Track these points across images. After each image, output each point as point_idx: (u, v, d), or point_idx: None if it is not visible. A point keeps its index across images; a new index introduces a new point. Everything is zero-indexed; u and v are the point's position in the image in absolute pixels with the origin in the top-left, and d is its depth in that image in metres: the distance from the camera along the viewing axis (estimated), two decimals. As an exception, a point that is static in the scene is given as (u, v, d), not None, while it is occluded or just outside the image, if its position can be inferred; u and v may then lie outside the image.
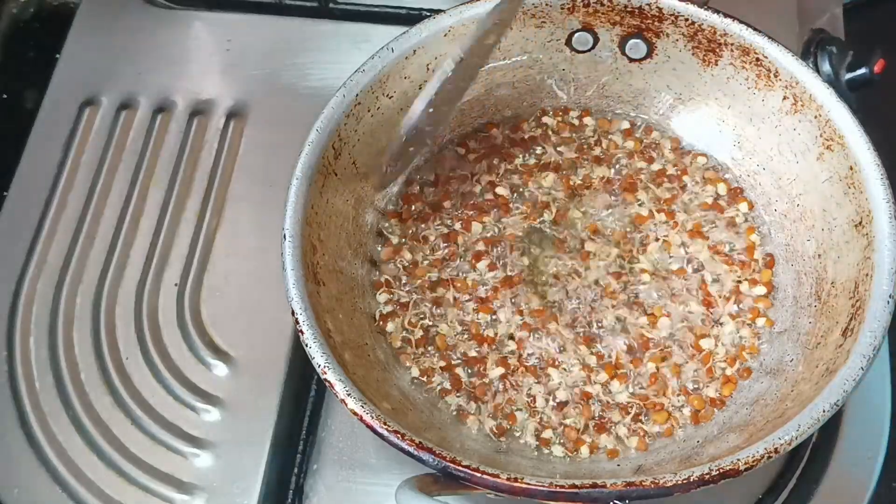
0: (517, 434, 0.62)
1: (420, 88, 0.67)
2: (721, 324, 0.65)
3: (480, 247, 0.69)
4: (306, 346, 0.54)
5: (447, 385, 0.64)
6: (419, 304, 0.67)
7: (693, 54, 0.67)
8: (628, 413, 0.63)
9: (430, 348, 0.65)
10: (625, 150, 0.72)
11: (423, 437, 0.51)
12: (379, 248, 0.69)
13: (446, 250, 0.69)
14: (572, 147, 0.72)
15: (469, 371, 0.64)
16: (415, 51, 0.65)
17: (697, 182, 0.71)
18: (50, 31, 0.86)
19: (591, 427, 0.62)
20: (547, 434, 0.62)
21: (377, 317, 0.66)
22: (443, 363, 0.65)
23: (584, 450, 0.62)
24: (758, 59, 0.64)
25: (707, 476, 0.48)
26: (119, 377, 0.69)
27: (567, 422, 0.63)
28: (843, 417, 0.67)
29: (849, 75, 0.74)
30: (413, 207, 0.70)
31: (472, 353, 0.65)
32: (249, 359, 0.69)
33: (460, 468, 0.49)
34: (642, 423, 0.62)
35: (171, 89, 0.81)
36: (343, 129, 0.63)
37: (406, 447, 0.50)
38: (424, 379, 0.64)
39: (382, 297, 0.67)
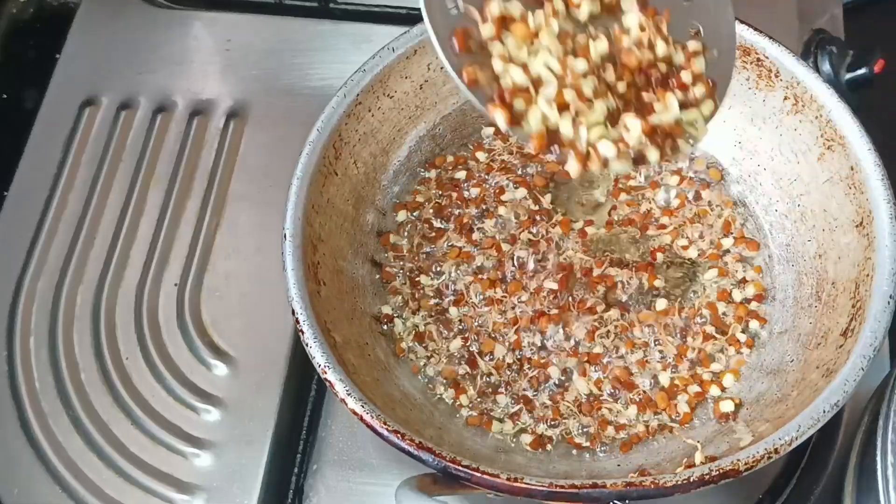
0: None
1: (420, 89, 0.68)
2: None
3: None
4: (307, 345, 0.54)
5: (448, 385, 0.64)
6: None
7: (693, 54, 0.67)
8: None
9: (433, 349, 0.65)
10: None
11: (423, 436, 0.51)
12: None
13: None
14: None
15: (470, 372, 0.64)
16: (415, 51, 0.65)
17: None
18: (50, 31, 0.86)
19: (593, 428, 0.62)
20: (548, 432, 0.62)
21: (380, 317, 0.66)
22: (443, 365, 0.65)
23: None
24: (759, 60, 0.64)
25: (707, 476, 0.48)
26: (119, 377, 0.69)
27: (567, 422, 0.63)
28: (842, 417, 0.67)
29: (849, 75, 0.74)
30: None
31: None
32: (249, 359, 0.69)
33: (460, 468, 0.49)
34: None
35: (171, 89, 0.81)
36: (344, 128, 0.63)
37: (406, 447, 0.50)
38: (424, 379, 0.64)
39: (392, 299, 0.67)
